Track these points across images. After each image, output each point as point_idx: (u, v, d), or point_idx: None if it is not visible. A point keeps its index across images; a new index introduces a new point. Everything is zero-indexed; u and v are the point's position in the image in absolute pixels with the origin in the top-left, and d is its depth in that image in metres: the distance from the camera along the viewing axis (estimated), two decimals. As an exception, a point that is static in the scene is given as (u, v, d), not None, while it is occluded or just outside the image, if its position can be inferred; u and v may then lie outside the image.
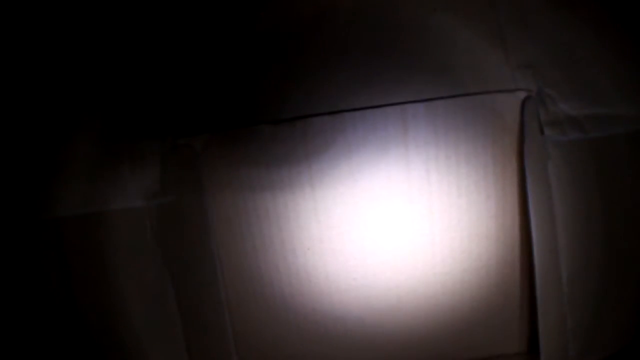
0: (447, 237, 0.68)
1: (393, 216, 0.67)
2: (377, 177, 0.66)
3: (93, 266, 0.61)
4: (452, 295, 0.70)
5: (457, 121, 0.65)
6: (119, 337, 0.63)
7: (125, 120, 0.62)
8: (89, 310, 0.62)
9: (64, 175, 0.61)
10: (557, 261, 0.62)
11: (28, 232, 0.56)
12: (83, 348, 0.61)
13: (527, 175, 0.64)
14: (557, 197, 0.64)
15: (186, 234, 0.63)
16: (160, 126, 0.63)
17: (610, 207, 0.64)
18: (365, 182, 0.66)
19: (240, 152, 0.65)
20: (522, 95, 0.65)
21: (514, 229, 0.69)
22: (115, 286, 0.62)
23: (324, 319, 0.70)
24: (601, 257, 0.64)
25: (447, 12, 0.63)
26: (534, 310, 0.70)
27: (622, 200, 0.64)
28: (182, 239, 0.63)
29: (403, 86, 0.63)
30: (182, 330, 0.63)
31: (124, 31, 0.61)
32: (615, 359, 0.63)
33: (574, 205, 0.64)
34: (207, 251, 0.63)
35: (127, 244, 0.62)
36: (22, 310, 0.57)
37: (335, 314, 0.70)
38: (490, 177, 0.67)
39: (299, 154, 0.65)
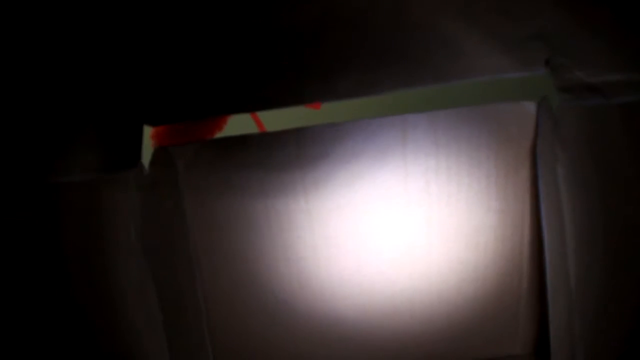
0: (444, 247, 0.66)
1: (390, 227, 0.65)
2: (374, 188, 0.64)
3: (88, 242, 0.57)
4: (447, 305, 0.69)
5: (460, 132, 0.62)
6: (114, 320, 0.61)
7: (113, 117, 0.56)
8: (82, 286, 0.58)
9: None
10: (566, 265, 0.59)
11: (27, 196, 0.51)
12: (76, 327, 0.59)
13: (540, 178, 0.61)
14: (565, 196, 0.60)
15: (165, 237, 0.61)
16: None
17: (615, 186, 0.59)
18: (362, 192, 0.64)
19: (232, 160, 0.63)
20: (528, 105, 0.61)
21: (513, 239, 0.67)
22: (107, 270, 0.59)
23: (318, 325, 0.69)
24: (604, 256, 0.62)
25: None
26: (531, 320, 0.70)
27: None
28: (162, 242, 0.60)
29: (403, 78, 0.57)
30: (163, 330, 0.61)
31: (125, 36, 0.55)
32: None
33: (581, 198, 0.61)
34: (185, 257, 0.61)
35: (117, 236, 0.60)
36: (14, 274, 0.53)
37: (329, 320, 0.69)
38: (492, 188, 0.64)
39: (293, 163, 0.63)
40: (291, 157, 0.62)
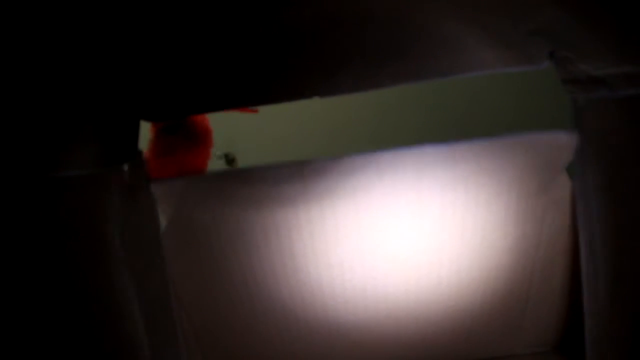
0: (455, 275, 0.63)
1: (400, 259, 0.61)
2: (384, 222, 0.58)
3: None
4: (452, 321, 0.67)
5: (482, 166, 0.55)
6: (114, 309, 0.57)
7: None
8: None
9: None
10: (597, 274, 0.56)
11: (27, 190, 0.50)
12: (75, 316, 0.56)
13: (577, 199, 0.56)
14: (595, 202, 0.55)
15: (145, 257, 0.56)
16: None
17: None
18: (371, 228, 0.59)
19: (232, 194, 0.57)
20: (560, 134, 0.55)
21: (527, 260, 0.63)
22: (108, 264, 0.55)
23: (318, 338, 0.68)
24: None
25: None
26: (535, 324, 0.69)
27: None
28: (142, 261, 0.56)
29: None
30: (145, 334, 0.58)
31: (123, 33, 0.50)
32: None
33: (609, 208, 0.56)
34: (162, 280, 0.57)
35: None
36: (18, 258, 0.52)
37: (331, 338, 0.67)
38: (511, 217, 0.59)
39: (297, 197, 0.56)
40: (296, 189, 0.56)
